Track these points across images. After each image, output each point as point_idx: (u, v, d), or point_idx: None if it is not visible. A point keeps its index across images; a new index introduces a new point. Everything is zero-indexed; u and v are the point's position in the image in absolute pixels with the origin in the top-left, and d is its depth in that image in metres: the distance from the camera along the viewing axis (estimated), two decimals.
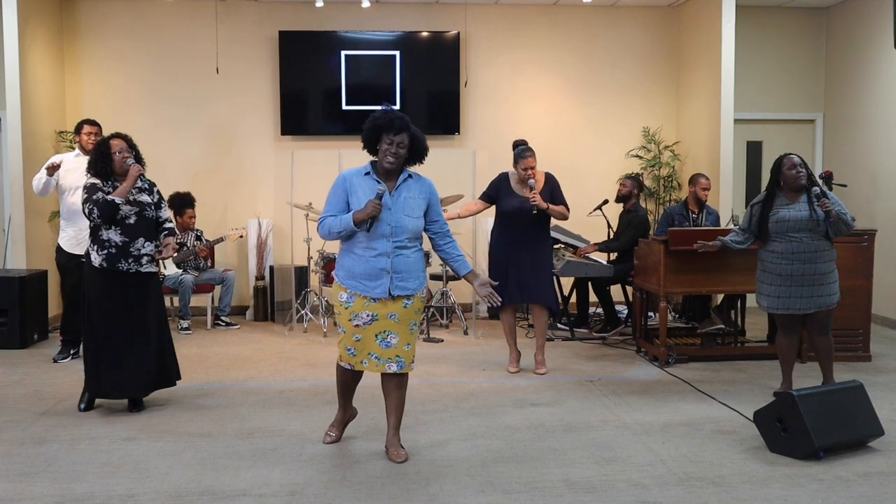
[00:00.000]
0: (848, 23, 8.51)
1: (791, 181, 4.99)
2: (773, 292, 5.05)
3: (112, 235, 4.75)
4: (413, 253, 3.96)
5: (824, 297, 4.99)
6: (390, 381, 4.05)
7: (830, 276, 5.00)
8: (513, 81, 8.81)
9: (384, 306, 3.92)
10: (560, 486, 3.72)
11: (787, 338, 5.18)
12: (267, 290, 8.28)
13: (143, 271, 4.82)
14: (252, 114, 8.59)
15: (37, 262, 7.37)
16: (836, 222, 4.90)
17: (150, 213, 4.88)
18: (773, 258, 5.03)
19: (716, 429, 4.58)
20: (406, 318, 3.98)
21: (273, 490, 3.68)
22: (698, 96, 8.46)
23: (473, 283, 4.11)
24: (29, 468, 3.96)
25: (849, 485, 3.76)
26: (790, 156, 5.05)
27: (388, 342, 3.95)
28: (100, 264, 4.75)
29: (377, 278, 3.89)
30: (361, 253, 3.90)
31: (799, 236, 4.93)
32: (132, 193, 4.81)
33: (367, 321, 3.93)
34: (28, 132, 7.44)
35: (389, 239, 3.87)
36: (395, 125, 3.85)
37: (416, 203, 3.95)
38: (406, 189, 3.96)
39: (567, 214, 5.89)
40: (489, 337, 7.31)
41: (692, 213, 7.08)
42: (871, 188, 8.07)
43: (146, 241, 4.83)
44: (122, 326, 4.76)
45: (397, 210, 3.89)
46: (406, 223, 3.90)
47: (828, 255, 4.99)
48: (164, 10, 8.38)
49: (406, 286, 3.93)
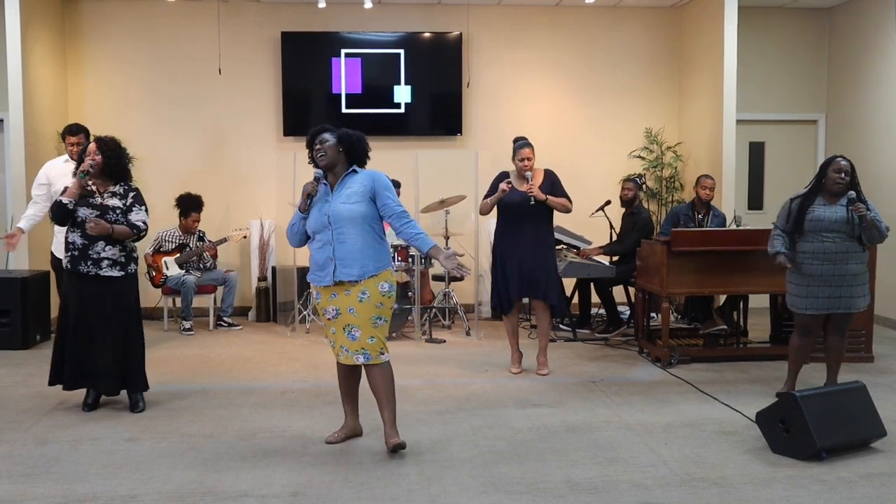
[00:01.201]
0: (850, 23, 8.50)
1: (830, 184, 4.98)
2: (801, 292, 5.03)
3: (75, 237, 4.81)
4: (357, 242, 4.10)
5: (854, 298, 4.99)
6: (371, 373, 4.17)
7: (861, 278, 4.99)
8: (515, 82, 8.81)
9: (343, 300, 4.10)
10: (562, 487, 3.72)
11: (802, 339, 5.15)
12: (269, 290, 8.29)
13: (102, 274, 4.80)
14: (254, 115, 8.59)
15: (39, 263, 7.37)
16: (868, 228, 4.91)
17: (111, 217, 4.78)
18: (802, 258, 5.02)
19: (718, 429, 4.57)
20: (364, 311, 4.08)
21: (275, 491, 3.68)
22: (700, 97, 8.46)
23: (438, 257, 4.17)
24: (31, 469, 3.96)
25: (851, 486, 3.75)
26: (839, 159, 5.02)
27: (353, 335, 4.12)
28: (65, 265, 4.86)
29: (325, 267, 4.12)
30: (313, 246, 4.21)
31: (831, 237, 4.93)
32: (100, 197, 4.81)
33: (333, 315, 4.15)
34: (30, 133, 7.44)
35: (329, 228, 4.10)
36: (311, 136, 4.22)
37: (353, 191, 4.14)
38: (349, 181, 4.19)
39: (569, 207, 5.86)
40: (491, 338, 7.31)
41: (698, 214, 7.08)
42: (874, 189, 8.03)
43: (107, 245, 4.79)
44: (81, 325, 4.82)
45: (335, 201, 4.13)
46: (340, 210, 4.10)
47: (858, 257, 4.98)
48: (166, 11, 8.39)
49: (349, 272, 4.08)
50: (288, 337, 7.43)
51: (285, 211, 8.05)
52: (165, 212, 7.84)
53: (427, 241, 4.16)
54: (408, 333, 7.48)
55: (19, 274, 6.93)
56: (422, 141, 8.57)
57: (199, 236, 7.90)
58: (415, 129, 8.66)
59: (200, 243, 7.85)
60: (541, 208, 5.79)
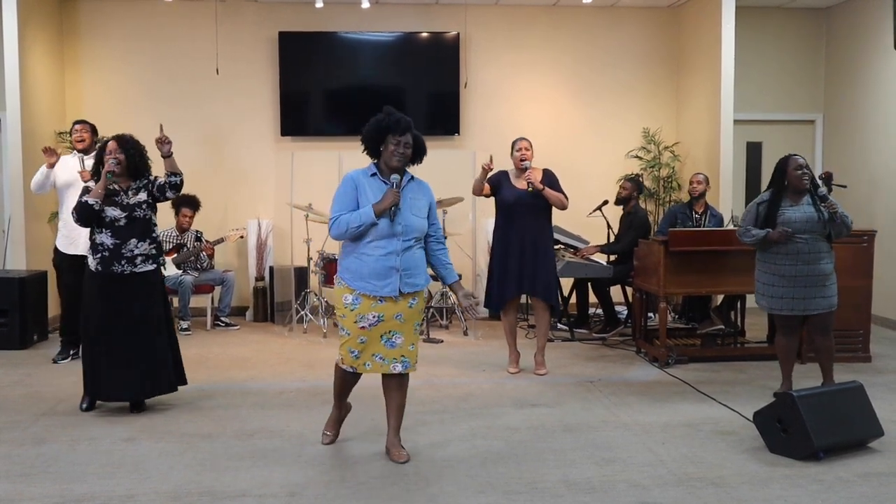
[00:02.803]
0: (848, 23, 8.51)
1: (796, 182, 4.99)
2: (775, 293, 5.04)
3: (104, 239, 4.76)
4: (419, 251, 4.01)
5: (826, 298, 5.00)
6: (391, 382, 4.07)
7: (831, 278, 5.01)
8: (513, 82, 8.81)
9: (391, 306, 3.94)
10: (560, 487, 3.73)
11: (786, 338, 5.18)
12: (267, 290, 8.28)
13: (138, 271, 4.80)
14: (252, 114, 8.59)
15: (37, 263, 7.36)
16: (840, 224, 4.92)
17: (140, 213, 4.82)
18: (775, 259, 5.02)
19: (715, 429, 4.58)
20: (411, 317, 4.01)
21: (273, 491, 3.68)
22: (698, 97, 8.46)
23: (458, 293, 4.14)
24: (29, 469, 3.96)
25: (849, 485, 3.76)
26: (795, 157, 5.03)
27: (393, 342, 3.97)
28: (95, 268, 4.77)
29: (386, 277, 3.89)
30: (371, 252, 3.90)
31: (804, 238, 4.93)
32: (126, 196, 4.81)
33: (373, 322, 3.93)
34: (28, 133, 7.43)
35: (400, 237, 3.90)
36: (401, 125, 3.91)
37: (420, 204, 4.00)
38: (410, 190, 4.01)
39: (565, 203, 5.84)
40: (489, 338, 7.31)
41: (695, 213, 7.09)
42: (871, 189, 8.07)
43: (139, 242, 4.80)
44: (119, 328, 4.75)
45: (405, 210, 3.93)
46: (414, 222, 3.94)
47: (828, 256, 5.01)
48: (165, 11, 8.38)
49: (415, 283, 3.96)
50: (285, 337, 7.43)
51: (283, 211, 8.05)
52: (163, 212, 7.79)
53: (453, 273, 4.14)
54: None
55: (17, 274, 6.92)
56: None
57: (196, 236, 7.90)
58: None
59: (198, 243, 7.85)
60: (539, 206, 5.79)
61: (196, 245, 7.82)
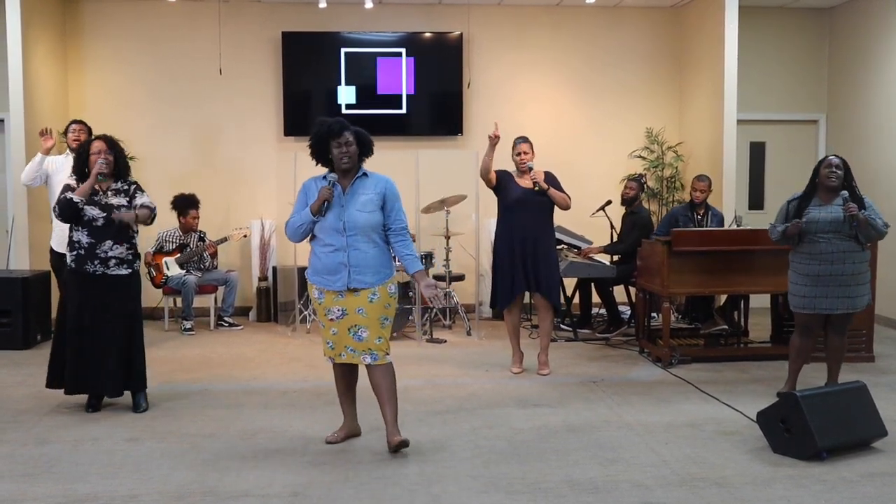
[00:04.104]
0: (851, 23, 8.50)
1: (824, 180, 5.00)
2: (801, 292, 5.04)
3: (80, 236, 4.78)
4: (370, 248, 4.08)
5: (852, 298, 4.98)
6: (374, 373, 4.16)
7: (860, 278, 4.99)
8: (515, 82, 8.81)
9: (351, 301, 4.07)
10: (563, 487, 3.72)
11: (803, 339, 5.15)
12: (270, 290, 8.29)
13: (110, 273, 4.80)
14: (255, 115, 8.59)
15: (39, 263, 7.37)
16: (863, 227, 4.90)
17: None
18: (801, 259, 5.04)
19: (719, 429, 4.57)
20: (373, 312, 4.08)
21: (276, 490, 3.68)
22: (701, 97, 8.45)
23: (420, 282, 4.19)
24: (32, 469, 3.96)
25: (852, 485, 3.75)
26: (830, 157, 5.06)
27: (359, 336, 4.09)
28: (69, 264, 4.82)
29: (336, 272, 4.05)
30: (321, 249, 4.10)
31: (827, 237, 4.93)
32: (104, 196, 4.81)
33: (338, 316, 4.09)
34: (31, 134, 7.43)
35: (343, 234, 4.04)
36: (335, 129, 4.08)
37: (369, 199, 4.10)
38: (361, 186, 4.13)
39: (569, 203, 5.87)
40: (492, 338, 7.31)
41: (697, 214, 7.08)
42: (875, 188, 8.03)
43: (115, 244, 4.79)
44: (87, 326, 4.79)
45: (350, 206, 4.06)
46: (357, 218, 4.05)
47: (858, 256, 4.97)
48: (167, 11, 8.39)
49: (363, 279, 4.06)
50: (289, 337, 7.43)
51: (285, 211, 7.98)
52: (165, 212, 7.82)
53: (415, 263, 4.19)
54: (408, 333, 7.48)
55: (20, 274, 6.94)
56: (422, 141, 8.57)
57: (199, 236, 7.91)
58: (415, 129, 8.67)
59: (201, 243, 7.85)
60: (542, 204, 5.80)
61: (199, 245, 7.83)
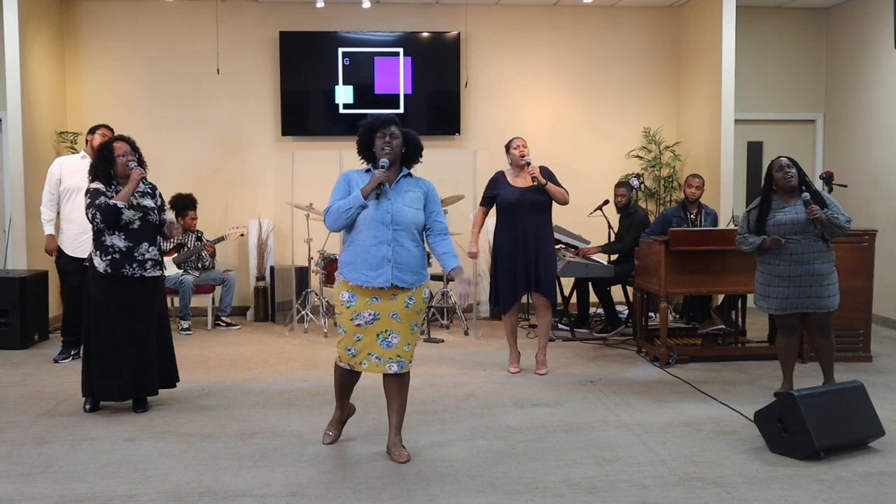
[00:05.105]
0: (848, 23, 8.51)
1: (781, 182, 5.02)
2: (772, 293, 5.06)
3: (116, 241, 4.74)
4: (414, 247, 4.00)
5: (822, 298, 4.99)
6: (392, 382, 4.07)
7: (829, 278, 5.00)
8: (513, 82, 8.81)
9: (386, 305, 3.95)
10: (560, 487, 3.73)
11: (786, 338, 5.18)
12: (267, 290, 8.29)
13: (147, 276, 4.82)
14: (253, 114, 8.59)
15: (37, 263, 7.37)
16: (827, 226, 4.91)
17: (153, 218, 4.87)
18: (770, 259, 5.05)
19: (716, 429, 4.58)
20: (408, 317, 4.00)
21: (274, 490, 3.68)
22: (699, 97, 8.46)
23: (456, 277, 4.09)
24: (30, 469, 3.96)
25: (850, 485, 3.76)
26: (779, 158, 5.09)
27: (389, 342, 3.98)
28: (104, 270, 4.74)
29: (379, 267, 3.91)
30: (362, 242, 3.93)
31: (796, 238, 4.95)
32: (135, 198, 4.81)
33: (368, 320, 3.95)
34: (29, 133, 7.44)
35: (389, 227, 3.93)
36: (381, 119, 4.05)
37: (414, 196, 4.04)
38: (405, 183, 4.07)
39: (567, 197, 5.87)
40: (490, 337, 7.31)
41: (690, 214, 7.08)
42: (872, 188, 8.07)
43: (150, 246, 4.84)
44: (125, 330, 4.76)
45: (396, 200, 3.98)
46: (405, 212, 3.96)
47: (825, 256, 4.99)
48: (165, 10, 8.39)
49: (405, 279, 3.96)
50: (286, 337, 7.43)
51: (283, 211, 8.05)
52: None
53: (454, 260, 4.08)
54: None
55: (17, 274, 6.92)
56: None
57: (197, 236, 7.90)
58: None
59: (199, 243, 7.85)
60: (540, 202, 5.80)
61: (197, 245, 7.82)
